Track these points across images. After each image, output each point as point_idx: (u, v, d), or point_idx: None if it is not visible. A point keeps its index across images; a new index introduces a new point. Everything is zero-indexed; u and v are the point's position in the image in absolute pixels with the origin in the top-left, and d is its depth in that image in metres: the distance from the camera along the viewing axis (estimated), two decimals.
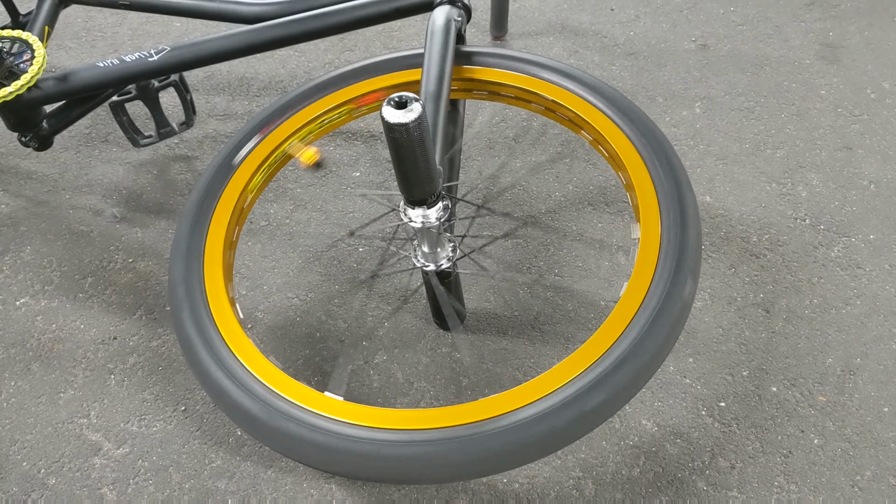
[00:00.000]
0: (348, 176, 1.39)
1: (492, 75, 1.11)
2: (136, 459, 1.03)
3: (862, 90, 1.47)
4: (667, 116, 1.45)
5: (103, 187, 1.40)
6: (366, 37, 1.68)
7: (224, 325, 0.93)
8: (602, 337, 0.84)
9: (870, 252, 1.21)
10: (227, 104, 1.55)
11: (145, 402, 1.09)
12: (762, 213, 1.27)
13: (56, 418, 1.08)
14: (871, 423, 1.02)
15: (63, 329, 1.18)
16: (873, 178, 1.31)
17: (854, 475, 0.97)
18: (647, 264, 0.88)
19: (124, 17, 1.77)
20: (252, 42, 1.18)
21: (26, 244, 1.31)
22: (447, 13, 1.11)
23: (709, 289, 1.18)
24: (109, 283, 1.24)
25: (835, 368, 1.08)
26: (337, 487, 0.99)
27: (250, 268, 1.25)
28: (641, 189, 0.95)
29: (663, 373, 1.08)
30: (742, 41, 1.60)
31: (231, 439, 1.05)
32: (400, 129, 0.80)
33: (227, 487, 1.00)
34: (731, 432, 1.02)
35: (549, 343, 1.13)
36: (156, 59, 1.18)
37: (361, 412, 0.84)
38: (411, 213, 0.93)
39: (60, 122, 1.27)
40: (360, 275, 1.23)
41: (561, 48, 1.61)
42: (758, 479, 0.98)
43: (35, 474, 1.02)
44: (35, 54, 1.18)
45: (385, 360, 1.12)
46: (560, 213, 1.29)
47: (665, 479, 0.98)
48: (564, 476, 0.99)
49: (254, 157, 1.09)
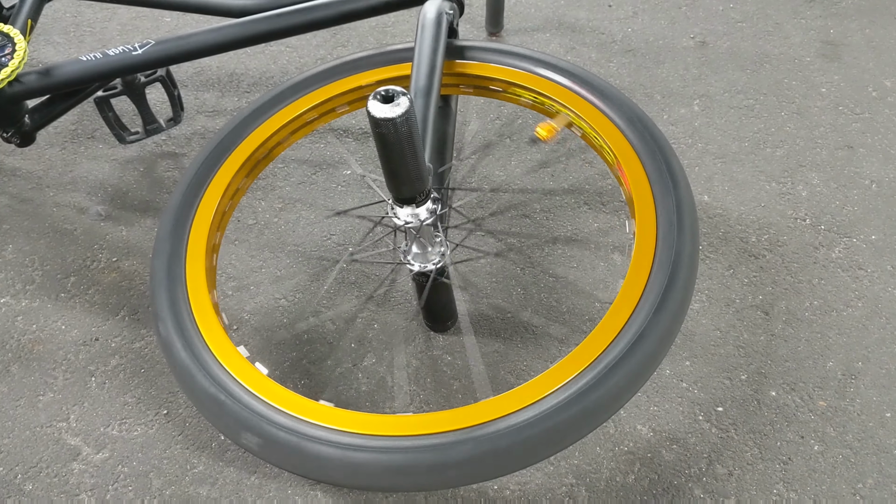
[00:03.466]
0: (338, 174, 1.36)
1: (485, 70, 1.09)
2: (116, 465, 1.00)
3: (863, 88, 1.44)
4: (665, 114, 1.42)
5: (88, 184, 1.37)
6: (359, 32, 1.65)
7: (207, 330, 0.90)
8: (596, 339, 0.81)
9: (871, 253, 1.18)
10: (216, 100, 1.52)
11: (126, 406, 1.06)
12: (761, 212, 1.25)
13: (34, 422, 1.05)
14: (873, 428, 0.99)
15: (44, 330, 1.15)
16: (875, 178, 1.29)
17: (855, 483, 0.95)
18: (642, 265, 0.86)
19: (113, 13, 1.74)
20: (239, 36, 1.15)
21: (8, 242, 1.28)
22: (438, 6, 1.08)
23: (706, 290, 1.15)
24: (92, 283, 1.21)
25: (835, 372, 1.05)
26: (322, 494, 0.96)
27: (237, 267, 1.22)
28: (637, 187, 0.92)
29: (659, 376, 1.06)
30: (741, 38, 1.57)
31: (214, 444, 1.02)
32: (386, 125, 0.78)
33: (209, 494, 0.97)
34: (729, 438, 0.99)
35: (543, 346, 1.10)
36: (140, 52, 1.15)
37: (349, 418, 0.81)
38: (399, 211, 0.90)
39: (43, 117, 1.24)
40: (349, 275, 1.20)
41: (557, 45, 1.58)
42: (756, 486, 0.95)
43: (12, 479, 0.99)
44: (16, 48, 1.15)
45: (374, 362, 1.09)
46: (554, 213, 1.26)
47: (661, 487, 0.95)
48: (557, 483, 0.96)
49: (239, 153, 1.06)
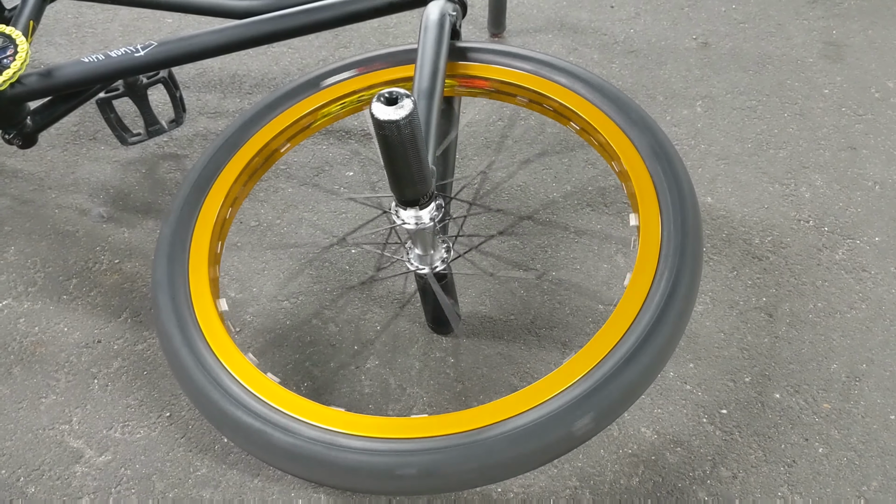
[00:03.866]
0: (341, 176, 1.36)
1: (489, 72, 1.08)
2: (119, 467, 1.00)
3: (866, 89, 1.44)
4: (667, 115, 1.42)
5: (90, 186, 1.37)
6: (361, 33, 1.65)
7: (211, 335, 0.90)
8: (600, 342, 0.81)
9: (875, 255, 1.18)
10: (218, 101, 1.52)
11: (129, 408, 1.06)
12: (765, 214, 1.24)
13: (37, 424, 1.05)
14: (878, 431, 0.99)
15: (46, 332, 1.15)
16: (878, 179, 1.28)
17: (860, 485, 0.94)
18: (646, 267, 0.86)
19: (115, 14, 1.74)
20: (241, 37, 1.15)
21: (10, 244, 1.28)
22: (441, 7, 1.08)
23: (710, 292, 1.15)
24: (95, 285, 1.21)
25: (840, 375, 1.04)
26: (325, 497, 0.96)
27: (240, 270, 1.22)
28: (640, 186, 0.92)
29: (663, 379, 1.05)
30: (744, 39, 1.57)
31: (217, 447, 1.01)
32: (390, 127, 0.77)
33: (212, 497, 0.97)
34: (733, 440, 0.99)
35: (546, 348, 1.10)
36: (142, 54, 1.15)
37: (353, 421, 0.81)
38: (403, 214, 0.90)
39: (45, 119, 1.24)
40: (352, 277, 1.20)
41: (560, 46, 1.58)
42: (761, 489, 0.95)
43: (14, 482, 0.99)
44: (18, 49, 1.15)
45: (377, 365, 1.09)
46: (557, 214, 1.26)
47: (665, 489, 0.95)
48: (561, 486, 0.96)
49: (241, 155, 1.06)
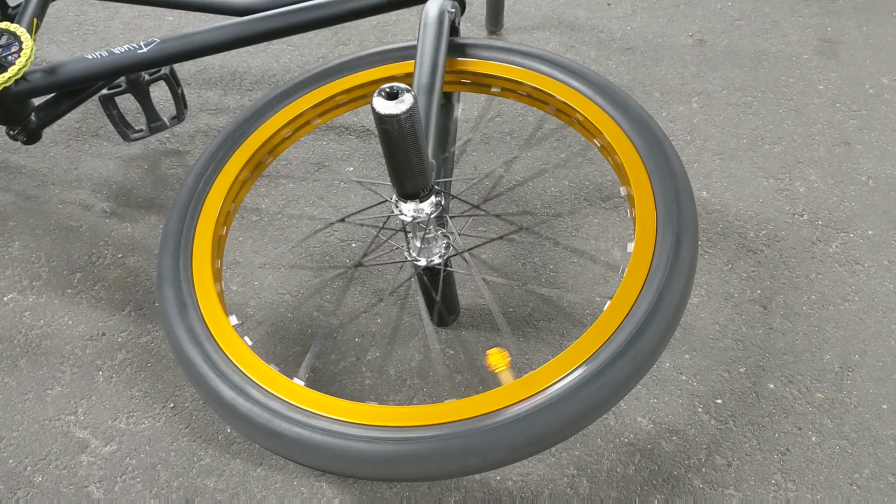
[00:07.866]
0: (342, 170, 1.37)
1: (487, 68, 1.10)
2: (124, 457, 1.02)
3: (860, 85, 1.46)
4: (664, 112, 1.43)
5: (93, 182, 1.38)
6: (360, 31, 1.66)
7: (215, 325, 0.91)
8: (596, 333, 0.82)
9: (868, 248, 1.20)
10: (219, 98, 1.53)
11: (133, 399, 1.08)
12: (759, 208, 1.26)
13: (43, 415, 1.06)
14: (870, 420, 1.01)
15: (51, 325, 1.17)
16: (872, 174, 1.30)
17: (852, 473, 0.96)
18: (642, 259, 0.87)
19: (116, 11, 1.75)
20: (242, 34, 1.16)
21: (15, 239, 1.29)
22: (440, 5, 1.09)
23: (705, 285, 1.16)
24: (98, 279, 1.23)
25: (833, 365, 1.06)
26: (328, 485, 0.98)
27: (241, 263, 1.24)
28: (637, 183, 0.93)
29: (659, 369, 1.07)
30: (739, 36, 1.59)
31: (220, 437, 1.03)
32: (391, 121, 0.79)
33: (215, 485, 0.98)
34: (728, 429, 1.01)
35: (544, 339, 1.11)
36: (145, 51, 1.16)
37: (354, 409, 0.82)
38: (403, 206, 0.91)
39: (49, 115, 1.25)
40: (353, 272, 1.21)
41: (557, 43, 1.60)
42: (755, 476, 0.96)
43: (21, 472, 1.01)
44: (23, 46, 1.16)
45: (377, 356, 1.11)
46: (555, 209, 1.28)
47: (660, 477, 0.97)
48: (559, 474, 0.98)
49: (241, 152, 1.08)
